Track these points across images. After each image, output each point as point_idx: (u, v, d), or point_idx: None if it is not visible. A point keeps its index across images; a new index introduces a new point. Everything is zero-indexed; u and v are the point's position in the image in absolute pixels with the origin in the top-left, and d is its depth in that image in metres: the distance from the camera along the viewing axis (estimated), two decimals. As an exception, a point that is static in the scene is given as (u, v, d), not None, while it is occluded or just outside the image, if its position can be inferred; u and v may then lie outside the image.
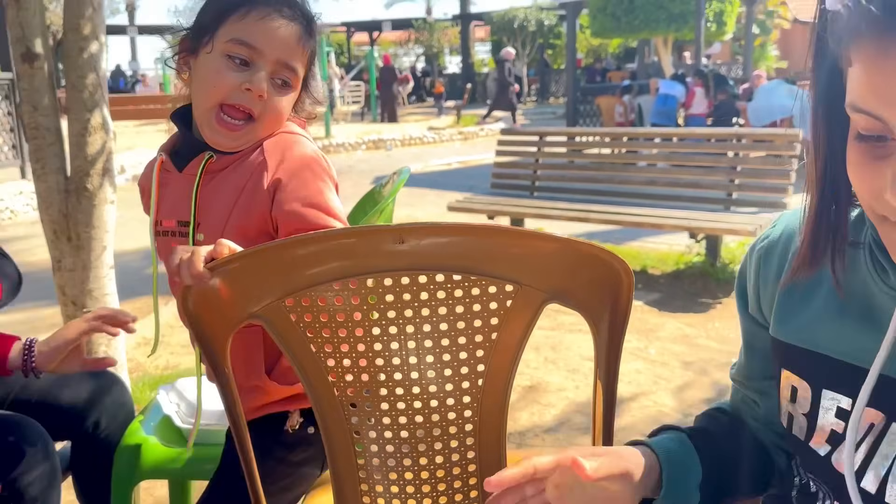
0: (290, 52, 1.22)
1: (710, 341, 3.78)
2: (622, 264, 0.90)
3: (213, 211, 1.23)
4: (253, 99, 1.19)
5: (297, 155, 1.22)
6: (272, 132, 1.25)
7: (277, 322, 0.95)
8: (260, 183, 1.19)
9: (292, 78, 1.24)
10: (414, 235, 0.89)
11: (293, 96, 1.27)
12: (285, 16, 1.21)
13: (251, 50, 1.19)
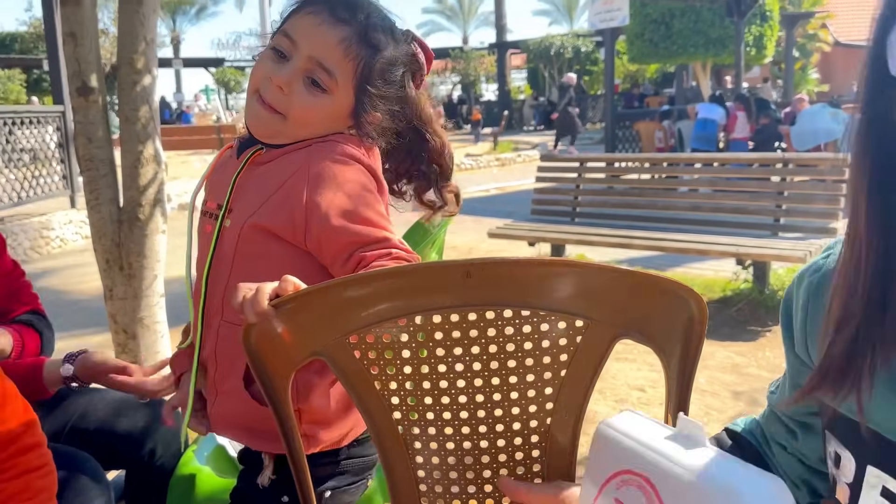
0: (327, 52, 1.15)
1: (762, 370, 3.69)
2: (696, 297, 0.87)
3: (245, 200, 1.20)
4: (275, 92, 1.16)
5: (338, 167, 1.15)
6: (304, 134, 1.19)
7: (341, 359, 0.93)
8: (296, 186, 1.14)
9: (325, 80, 1.16)
10: (481, 270, 0.87)
11: (331, 103, 1.18)
12: (335, 15, 1.15)
13: (290, 42, 1.16)
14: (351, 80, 1.17)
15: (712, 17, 15.94)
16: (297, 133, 1.19)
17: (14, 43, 24.64)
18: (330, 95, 1.17)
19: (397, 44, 1.22)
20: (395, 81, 1.22)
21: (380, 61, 1.18)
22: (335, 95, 1.17)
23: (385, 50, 1.19)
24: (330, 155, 1.16)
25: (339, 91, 1.17)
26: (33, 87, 21.67)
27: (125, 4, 2.58)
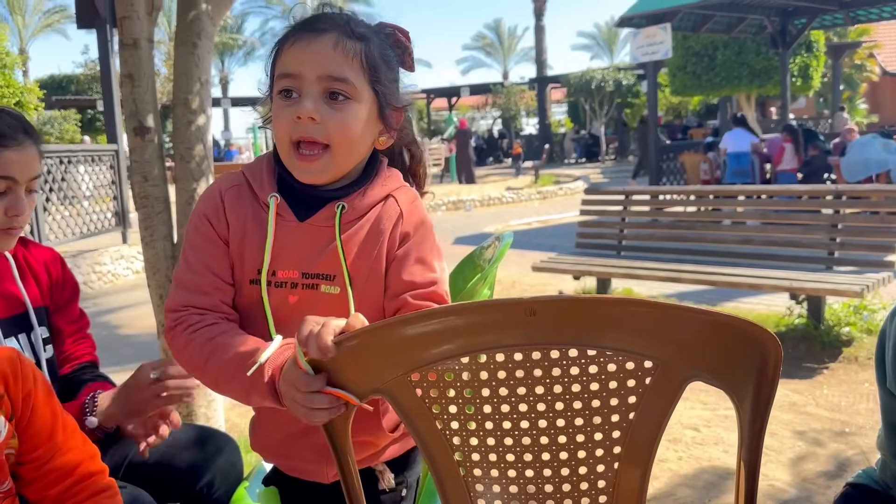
0: (330, 63, 1.14)
1: (821, 409, 3.56)
2: (771, 338, 0.84)
3: (347, 262, 1.19)
4: (309, 126, 1.14)
5: (423, 214, 1.24)
6: (355, 154, 1.20)
7: (402, 397, 0.92)
8: (394, 233, 1.20)
9: (347, 89, 1.15)
10: (546, 308, 0.85)
11: (360, 108, 1.17)
12: (316, 29, 1.16)
13: (292, 79, 1.15)
14: (363, 76, 1.17)
15: (756, 48, 15.82)
16: (346, 158, 1.19)
17: (70, 84, 25.61)
18: (355, 101, 1.16)
19: (378, 31, 1.23)
20: (394, 65, 1.24)
21: (375, 48, 1.19)
22: (360, 99, 1.17)
23: (372, 37, 1.20)
24: (415, 198, 1.25)
25: (359, 93, 1.17)
26: (87, 127, 22.41)
27: (181, 47, 2.66)
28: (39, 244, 1.72)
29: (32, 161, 1.50)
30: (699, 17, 12.35)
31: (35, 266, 1.63)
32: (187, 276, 1.22)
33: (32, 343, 1.57)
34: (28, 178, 1.50)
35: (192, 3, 2.66)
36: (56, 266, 1.68)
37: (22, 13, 37.40)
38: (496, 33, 46.03)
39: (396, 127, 1.26)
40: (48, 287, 1.64)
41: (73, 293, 1.71)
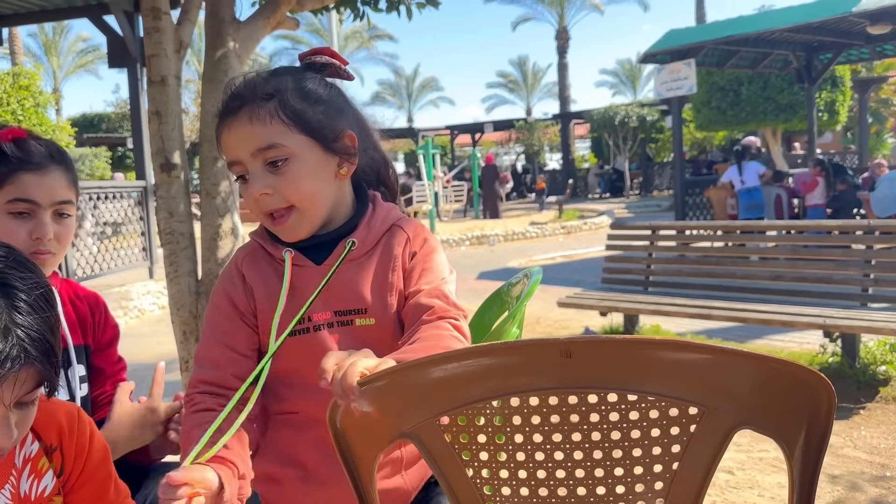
0: (253, 138, 1.17)
1: (858, 452, 3.43)
2: (823, 384, 0.79)
3: (373, 294, 1.22)
4: (267, 200, 1.19)
5: (427, 233, 1.30)
6: (321, 200, 1.22)
7: (430, 442, 0.88)
8: (404, 254, 1.25)
9: (279, 152, 1.17)
10: (583, 350, 0.81)
11: (302, 161, 1.19)
12: (231, 110, 1.19)
13: (235, 165, 1.21)
14: (288, 130, 1.18)
15: (781, 84, 15.76)
16: (315, 208, 1.22)
17: (101, 122, 26.18)
18: (294, 158, 1.18)
19: (289, 72, 1.25)
20: (318, 96, 1.23)
21: (289, 95, 1.19)
22: (297, 153, 1.19)
23: (284, 86, 1.20)
24: (418, 226, 1.30)
25: (294, 147, 1.18)
26: (117, 164, 22.83)
27: (208, 84, 2.68)
28: (83, 287, 1.72)
29: (57, 186, 1.50)
30: (724, 52, 12.33)
31: (79, 306, 1.64)
32: (202, 352, 1.27)
33: (69, 379, 1.56)
34: (52, 201, 1.49)
35: (219, 42, 2.69)
36: (99, 309, 1.69)
37: (57, 54, 38.51)
38: (520, 70, 46.43)
39: (352, 152, 1.25)
40: (91, 328, 1.64)
41: (114, 336, 1.71)
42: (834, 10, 9.75)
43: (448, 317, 1.15)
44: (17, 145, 1.48)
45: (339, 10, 3.56)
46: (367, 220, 1.27)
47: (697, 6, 29.13)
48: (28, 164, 1.45)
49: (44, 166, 1.47)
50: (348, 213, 1.28)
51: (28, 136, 1.52)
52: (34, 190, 1.46)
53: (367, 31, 35.54)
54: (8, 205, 1.46)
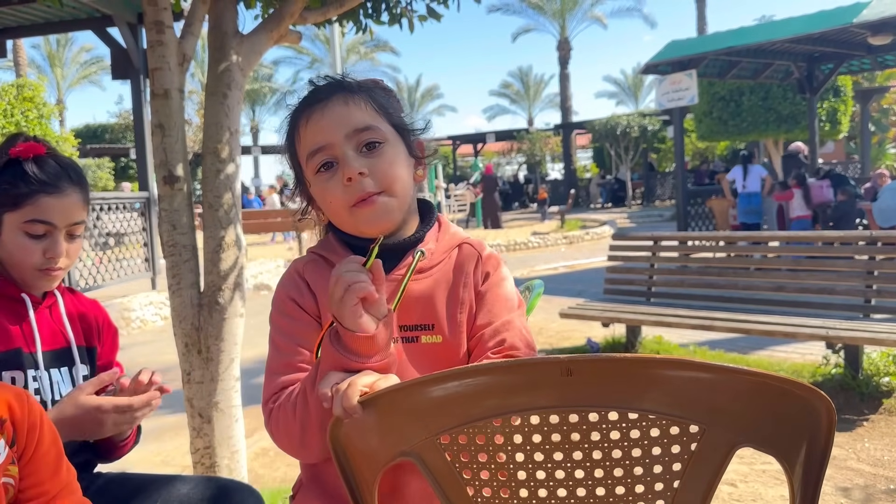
0: (350, 118, 1.16)
1: (863, 464, 3.42)
2: (823, 401, 0.79)
3: (442, 310, 1.19)
4: (362, 182, 1.15)
5: (498, 258, 1.27)
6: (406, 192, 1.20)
7: (431, 461, 0.88)
8: (476, 273, 1.22)
9: (375, 135, 1.17)
10: (584, 368, 0.81)
11: (393, 147, 1.20)
12: (319, 100, 1.18)
13: (324, 151, 1.17)
14: (380, 118, 1.20)
15: (783, 94, 15.79)
16: (401, 198, 1.19)
17: (104, 133, 26.29)
18: (387, 143, 1.19)
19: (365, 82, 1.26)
20: (392, 99, 1.26)
21: (372, 90, 1.23)
22: (389, 139, 1.19)
23: (365, 84, 1.24)
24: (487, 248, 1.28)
25: (385, 134, 1.19)
26: (120, 175, 22.90)
27: (211, 97, 2.69)
28: (84, 295, 1.77)
29: (73, 208, 1.54)
30: (725, 63, 12.36)
31: (83, 311, 1.69)
32: (277, 362, 1.21)
33: (73, 377, 1.61)
34: (67, 223, 1.54)
35: (223, 55, 2.70)
36: (101, 314, 1.75)
37: (61, 65, 38.69)
38: (522, 81, 46.57)
39: (423, 155, 1.28)
40: (95, 332, 1.70)
41: (114, 342, 1.76)
42: (835, 21, 9.78)
43: (515, 356, 1.13)
44: (38, 164, 1.52)
45: (342, 22, 3.57)
46: (436, 233, 1.26)
47: (699, 17, 29.23)
48: (48, 187, 1.50)
49: (62, 189, 1.52)
50: (415, 226, 1.26)
51: (46, 151, 1.56)
52: (52, 213, 1.50)
53: (368, 43, 35.68)
54: (26, 224, 1.50)
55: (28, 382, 1.50)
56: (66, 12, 7.94)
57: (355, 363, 1.02)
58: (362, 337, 1.02)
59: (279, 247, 17.25)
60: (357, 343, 1.03)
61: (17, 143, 1.54)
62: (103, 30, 8.05)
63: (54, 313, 1.62)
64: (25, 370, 1.51)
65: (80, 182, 1.57)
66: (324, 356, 1.08)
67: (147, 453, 4.00)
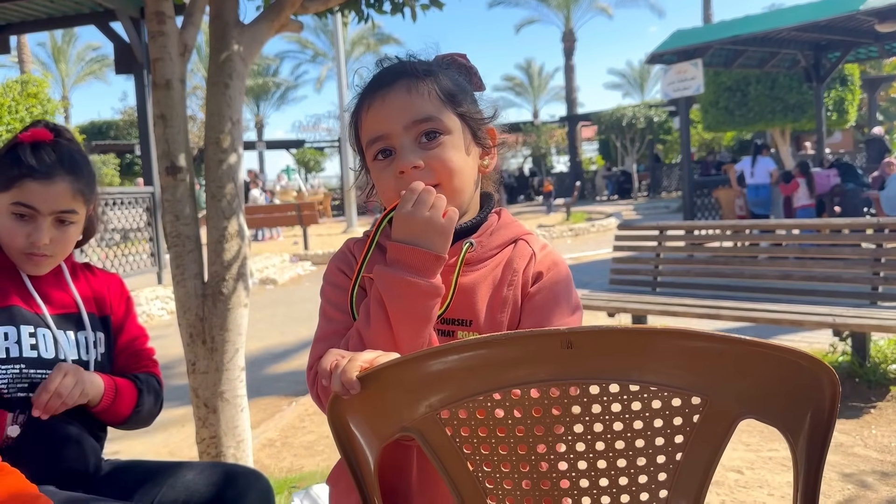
0: (410, 109, 1.14)
1: (869, 451, 3.40)
2: (828, 373, 0.78)
3: (482, 307, 1.15)
4: (415, 174, 1.12)
5: (557, 256, 1.22)
6: (466, 185, 1.17)
7: (431, 436, 0.87)
8: (527, 272, 1.17)
9: (436, 126, 1.14)
10: (584, 340, 0.80)
11: (455, 139, 1.16)
12: (382, 86, 1.16)
13: (382, 140, 1.15)
14: (444, 107, 1.16)
15: (789, 83, 15.70)
16: (459, 191, 1.16)
17: (109, 130, 26.34)
18: (448, 134, 1.16)
19: (439, 63, 1.23)
20: (466, 87, 1.22)
21: (444, 78, 1.19)
22: (451, 131, 1.16)
23: (437, 69, 1.20)
24: (546, 246, 1.23)
25: (448, 125, 1.16)
26: (125, 171, 22.94)
27: (213, 87, 2.68)
28: (101, 269, 1.86)
29: (60, 196, 1.57)
30: (731, 52, 12.30)
31: (93, 281, 1.77)
32: (325, 328, 1.19)
33: (82, 342, 1.66)
34: (52, 210, 1.57)
35: (223, 45, 2.69)
36: (115, 283, 1.83)
37: (65, 61, 38.75)
38: (526, 74, 46.42)
39: (494, 145, 1.25)
40: (107, 301, 1.77)
41: (127, 308, 1.83)
42: (841, 8, 9.72)
43: None
44: (33, 150, 1.56)
45: (344, 12, 3.56)
46: (490, 226, 1.22)
47: (704, 6, 29.07)
48: (35, 173, 1.54)
49: (51, 176, 1.55)
50: (472, 215, 1.22)
51: (53, 138, 1.61)
52: (35, 198, 1.54)
53: (373, 35, 35.59)
54: (12, 206, 1.55)
55: (22, 337, 1.55)
56: (69, 7, 7.95)
57: (418, 280, 1.05)
58: (427, 254, 1.06)
59: (285, 241, 17.26)
60: (422, 259, 1.06)
61: (29, 129, 1.60)
62: (106, 24, 8.06)
63: (60, 281, 1.68)
64: (19, 325, 1.55)
65: (76, 172, 1.59)
66: (380, 283, 1.08)
67: (153, 444, 4.01)
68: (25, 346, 1.54)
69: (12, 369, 1.52)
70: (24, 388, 1.53)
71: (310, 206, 14.71)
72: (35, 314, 1.60)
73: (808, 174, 10.33)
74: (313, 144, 32.84)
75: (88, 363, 1.64)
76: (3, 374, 1.51)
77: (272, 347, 6.55)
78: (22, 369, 1.53)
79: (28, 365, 1.54)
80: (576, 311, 1.18)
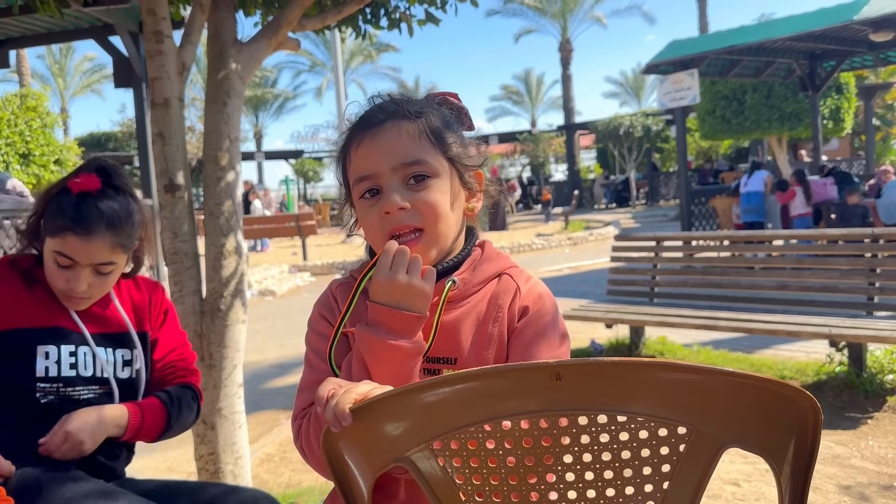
0: (399, 151, 1.14)
1: (866, 462, 3.41)
2: (810, 402, 0.79)
3: (467, 345, 1.15)
4: (399, 216, 1.12)
5: (543, 289, 1.20)
6: (450, 229, 1.17)
7: (424, 467, 0.89)
8: (512, 307, 1.16)
9: (424, 168, 1.14)
10: (572, 372, 0.82)
11: (442, 182, 1.16)
12: (373, 124, 1.16)
13: (370, 179, 1.15)
14: (433, 150, 1.16)
15: (785, 92, 15.77)
16: (443, 235, 1.16)
17: (108, 142, 26.37)
18: (435, 178, 1.15)
19: (429, 103, 1.23)
20: (456, 128, 1.22)
21: (434, 119, 1.18)
22: (438, 174, 1.16)
23: (428, 110, 1.19)
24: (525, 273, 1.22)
25: (436, 168, 1.15)
26: (125, 182, 22.92)
27: (211, 105, 2.71)
28: (144, 277, 1.94)
29: (99, 251, 1.64)
30: (726, 62, 12.36)
31: (135, 295, 1.85)
32: (309, 378, 1.19)
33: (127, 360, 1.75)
34: (90, 262, 1.65)
35: (222, 63, 2.72)
36: (157, 293, 1.90)
37: (63, 76, 38.87)
38: (524, 83, 46.57)
39: (480, 189, 1.24)
40: (147, 312, 1.85)
41: (165, 321, 1.89)
42: (836, 18, 9.77)
43: None
44: (79, 203, 1.62)
45: (341, 28, 3.59)
46: (473, 262, 1.21)
47: (700, 16, 29.22)
48: (78, 228, 1.61)
49: (91, 231, 1.62)
50: (455, 253, 1.21)
51: (101, 188, 1.67)
52: (75, 251, 1.63)
53: (371, 45, 35.72)
54: (55, 253, 1.64)
55: (62, 357, 1.65)
56: (68, 22, 7.98)
57: (400, 343, 1.06)
58: (409, 315, 1.07)
59: (284, 251, 17.28)
60: (404, 321, 1.07)
61: (80, 174, 1.67)
62: (105, 39, 8.08)
63: (104, 300, 1.77)
64: (59, 345, 1.65)
65: (116, 227, 1.66)
66: (361, 345, 1.09)
67: (152, 461, 4.01)
68: (65, 366, 1.65)
69: (51, 387, 1.62)
70: (63, 402, 1.63)
71: (308, 217, 14.74)
72: (77, 334, 1.69)
73: (805, 182, 10.37)
74: (312, 154, 32.92)
75: (130, 380, 1.74)
76: (42, 391, 1.62)
77: (271, 360, 6.56)
78: (59, 388, 1.63)
79: (66, 384, 1.64)
80: (563, 340, 1.17)
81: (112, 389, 1.70)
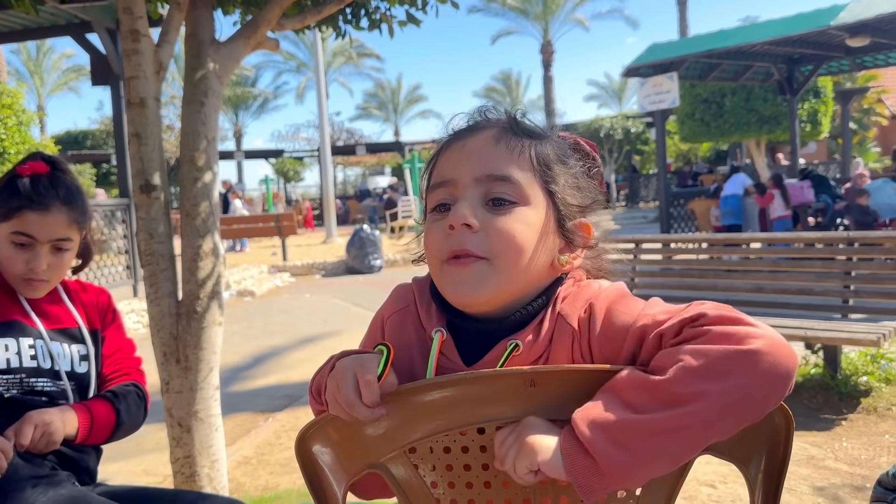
0: (489, 160, 0.95)
1: (840, 464, 3.45)
2: (783, 411, 0.80)
3: None
4: (464, 234, 0.92)
5: (596, 288, 0.96)
6: (525, 271, 0.94)
7: (398, 473, 0.89)
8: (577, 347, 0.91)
9: (511, 190, 0.94)
10: (546, 379, 0.82)
11: (529, 213, 0.94)
12: (472, 129, 1.01)
13: (445, 187, 0.97)
14: (532, 175, 0.96)
15: (764, 95, 15.94)
16: (512, 274, 0.93)
17: (86, 139, 26.10)
18: (522, 206, 0.94)
19: (552, 132, 1.05)
20: (574, 167, 1.02)
21: (549, 145, 1.00)
22: (529, 203, 0.95)
23: (546, 135, 1.02)
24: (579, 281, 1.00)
25: (528, 195, 0.95)
26: (102, 181, 22.73)
27: (188, 106, 2.68)
28: (92, 284, 1.99)
29: (57, 225, 1.69)
30: (706, 65, 12.46)
31: (83, 296, 1.89)
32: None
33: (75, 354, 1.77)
34: (50, 238, 1.69)
35: (199, 63, 2.69)
36: (104, 297, 1.95)
37: (40, 74, 38.41)
38: (504, 84, 46.69)
39: (584, 245, 1.00)
40: (97, 313, 1.89)
41: (115, 323, 1.93)
42: (813, 23, 9.89)
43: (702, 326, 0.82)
44: (31, 182, 1.68)
45: (322, 28, 3.57)
46: (541, 318, 0.94)
47: (680, 20, 29.46)
48: (34, 204, 1.66)
49: (48, 206, 1.67)
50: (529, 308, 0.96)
51: (49, 171, 1.72)
52: (34, 227, 1.67)
53: (352, 48, 35.65)
54: (12, 235, 1.68)
55: (22, 349, 1.68)
56: (45, 19, 7.89)
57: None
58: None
59: (263, 251, 17.19)
60: None
61: (27, 162, 1.72)
62: (82, 36, 8.00)
63: (55, 298, 1.81)
64: (18, 338, 1.68)
65: (71, 203, 1.71)
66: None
67: (128, 464, 3.97)
68: (25, 357, 1.67)
69: (13, 378, 1.65)
70: (25, 394, 1.66)
71: (289, 217, 14.67)
72: (33, 328, 1.72)
73: (782, 186, 10.49)
74: (293, 154, 32.79)
75: (82, 374, 1.76)
76: (4, 382, 1.64)
77: (249, 361, 6.52)
78: (22, 378, 1.66)
79: (28, 374, 1.67)
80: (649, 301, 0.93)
81: (67, 385, 1.72)
